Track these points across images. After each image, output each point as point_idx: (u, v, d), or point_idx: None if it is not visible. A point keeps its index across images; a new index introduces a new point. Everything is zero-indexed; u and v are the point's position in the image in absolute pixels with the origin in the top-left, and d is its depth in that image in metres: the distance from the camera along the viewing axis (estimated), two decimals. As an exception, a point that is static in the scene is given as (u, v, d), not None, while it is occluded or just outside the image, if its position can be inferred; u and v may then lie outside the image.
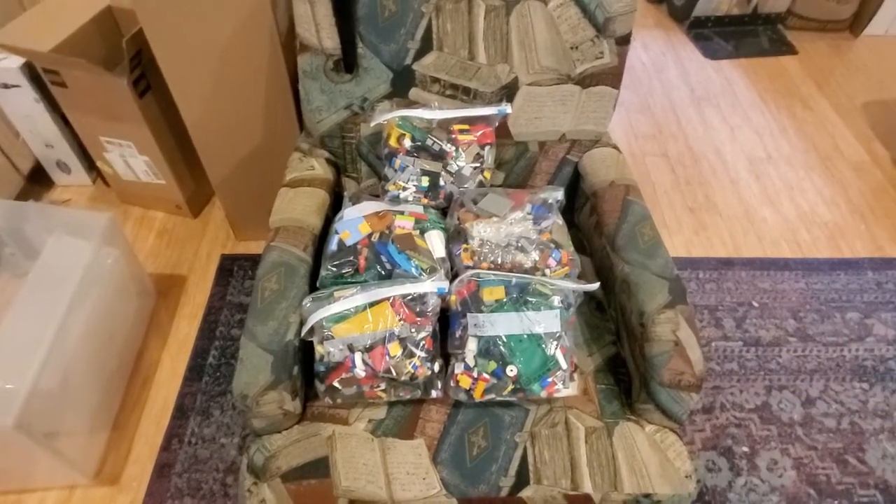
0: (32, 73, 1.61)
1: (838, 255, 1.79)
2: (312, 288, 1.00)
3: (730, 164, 2.07)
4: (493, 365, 0.90)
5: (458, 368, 0.92)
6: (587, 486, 0.89)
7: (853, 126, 2.23)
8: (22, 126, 1.73)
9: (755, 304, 1.65)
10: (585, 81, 1.15)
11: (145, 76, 1.51)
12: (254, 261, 1.70)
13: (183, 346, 1.53)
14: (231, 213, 1.70)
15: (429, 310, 0.92)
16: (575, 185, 1.26)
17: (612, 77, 1.17)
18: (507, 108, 1.13)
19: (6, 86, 1.62)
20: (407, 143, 1.10)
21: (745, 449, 1.37)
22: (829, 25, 2.68)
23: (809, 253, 1.79)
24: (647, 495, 0.89)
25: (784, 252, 1.79)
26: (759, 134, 2.19)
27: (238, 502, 1.10)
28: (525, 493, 0.89)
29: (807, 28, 2.70)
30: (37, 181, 1.89)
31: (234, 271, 1.68)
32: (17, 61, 1.59)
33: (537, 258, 0.99)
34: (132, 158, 1.66)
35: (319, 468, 0.90)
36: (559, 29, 1.10)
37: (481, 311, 0.92)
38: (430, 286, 0.92)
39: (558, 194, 1.10)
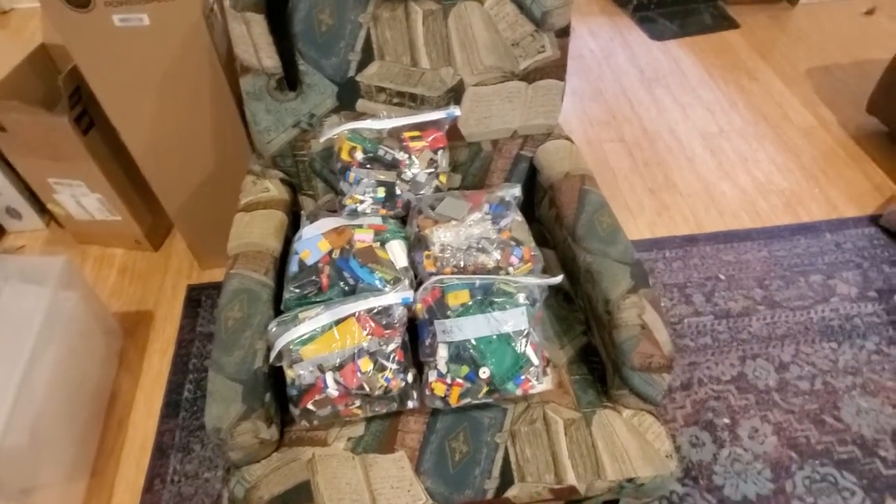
0: (-31, 120, 1.56)
1: (796, 220, 1.83)
2: (278, 312, 0.99)
3: (685, 142, 2.11)
4: (465, 369, 0.90)
5: (432, 376, 0.92)
6: (571, 478, 0.90)
7: (799, 93, 2.29)
8: (-35, 175, 1.68)
9: (722, 276, 1.68)
10: (530, 76, 1.16)
11: (87, 112, 1.47)
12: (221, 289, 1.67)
13: (156, 382, 1.49)
14: (192, 243, 1.67)
15: (395, 321, 0.91)
16: (533, 180, 1.26)
17: (557, 69, 1.17)
18: (455, 110, 1.13)
19: (-57, 136, 1.56)
20: (359, 155, 1.10)
21: (726, 420, 1.39)
22: (767, -3, 2.75)
23: (769, 221, 1.83)
24: (630, 480, 0.90)
25: (745, 223, 1.83)
26: (710, 110, 2.24)
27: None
28: (511, 493, 0.90)
29: (746, 2, 2.76)
30: (-13, 230, 1.84)
31: (202, 301, 1.65)
32: (-48, 110, 1.53)
33: (499, 257, 1.00)
34: (84, 197, 1.62)
35: (302, 493, 0.89)
36: (498, 27, 1.11)
37: (448, 317, 0.91)
38: (394, 297, 0.92)
39: (515, 191, 1.10)
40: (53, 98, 1.54)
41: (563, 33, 1.15)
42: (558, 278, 0.97)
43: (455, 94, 1.15)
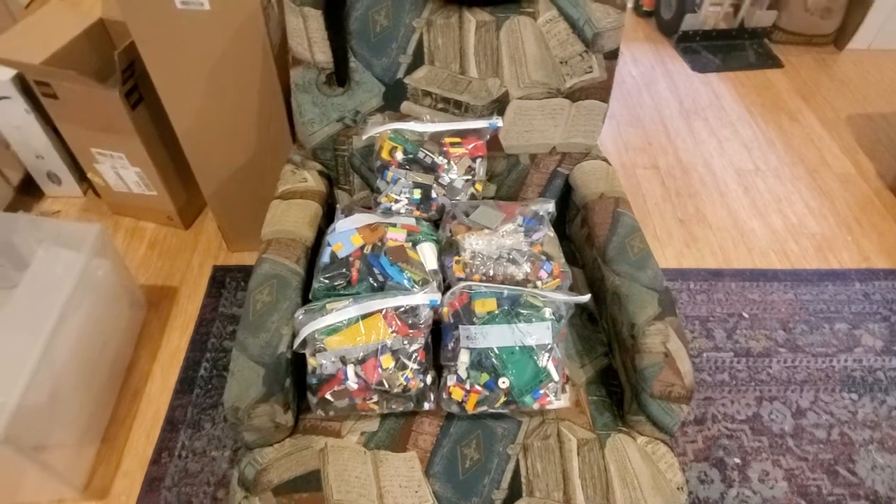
0: (24, 84, 1.61)
1: (826, 266, 1.81)
2: (305, 300, 1.00)
3: (719, 176, 2.10)
4: (485, 377, 0.90)
5: (451, 380, 0.92)
6: (580, 499, 0.89)
7: (839, 139, 2.27)
8: (12, 137, 1.73)
9: (745, 314, 1.66)
10: (575, 95, 1.17)
11: (138, 88, 1.51)
12: (246, 272, 1.70)
13: (174, 357, 1.52)
14: (223, 225, 1.69)
15: (421, 322, 0.92)
16: (566, 198, 1.27)
17: (601, 91, 1.18)
18: (498, 121, 1.14)
19: (-3, 97, 1.62)
20: (399, 155, 1.11)
21: (737, 460, 1.37)
22: (814, 40, 2.73)
23: (798, 264, 1.81)
24: (638, 507, 0.90)
25: (773, 263, 1.81)
26: (747, 146, 2.22)
27: (228, 517, 1.10)
28: (517, 506, 0.89)
29: (792, 42, 2.74)
30: (27, 192, 1.88)
31: (227, 283, 1.67)
32: (9, 73, 1.58)
33: (529, 270, 1.00)
34: (123, 170, 1.66)
35: (311, 481, 0.89)
36: (548, 44, 1.12)
37: (473, 323, 0.92)
38: (423, 298, 0.93)
39: (549, 206, 1.10)
40: (107, 71, 1.58)
41: (612, 56, 1.15)
42: (586, 297, 0.97)
43: (499, 106, 1.17)
